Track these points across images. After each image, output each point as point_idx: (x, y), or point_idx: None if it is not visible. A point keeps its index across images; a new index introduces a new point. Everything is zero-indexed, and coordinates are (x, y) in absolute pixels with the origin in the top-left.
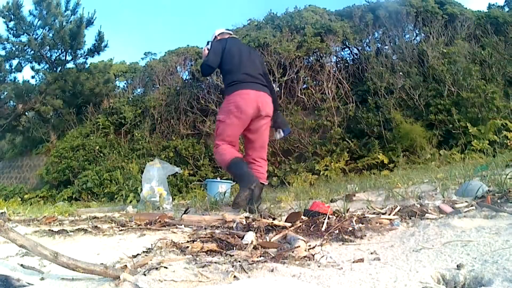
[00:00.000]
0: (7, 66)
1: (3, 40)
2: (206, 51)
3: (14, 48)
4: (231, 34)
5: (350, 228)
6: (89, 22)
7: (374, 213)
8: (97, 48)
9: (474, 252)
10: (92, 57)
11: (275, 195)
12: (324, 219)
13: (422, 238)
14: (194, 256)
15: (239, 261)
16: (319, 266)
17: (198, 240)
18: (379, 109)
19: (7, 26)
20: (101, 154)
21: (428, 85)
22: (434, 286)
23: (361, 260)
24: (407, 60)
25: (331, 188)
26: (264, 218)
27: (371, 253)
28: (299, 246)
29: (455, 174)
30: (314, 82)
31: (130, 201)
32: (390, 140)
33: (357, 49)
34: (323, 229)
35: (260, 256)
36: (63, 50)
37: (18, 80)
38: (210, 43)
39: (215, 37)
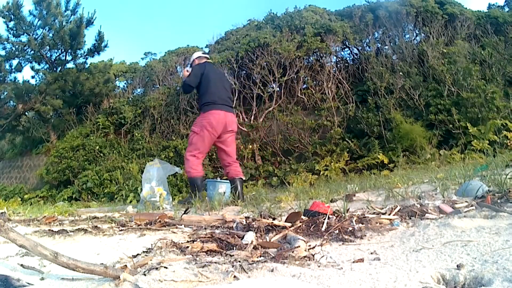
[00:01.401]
0: (7, 66)
1: (3, 40)
2: (186, 73)
3: (14, 48)
4: (207, 58)
5: (350, 228)
6: (89, 22)
7: (374, 213)
8: (97, 48)
9: (474, 252)
10: (92, 57)
11: (275, 195)
12: (324, 219)
13: (422, 238)
14: (194, 256)
15: (239, 261)
16: (319, 266)
17: (198, 240)
18: (379, 109)
19: (7, 26)
20: (101, 154)
21: (428, 85)
22: (434, 286)
23: (361, 260)
24: (407, 60)
25: (331, 188)
26: (264, 218)
27: (371, 253)
28: (299, 246)
29: (455, 174)
30: (314, 82)
31: (130, 201)
32: (390, 140)
33: (357, 49)
34: (323, 229)
35: (260, 256)
36: (63, 50)
37: (18, 80)
38: (189, 65)
39: (194, 60)
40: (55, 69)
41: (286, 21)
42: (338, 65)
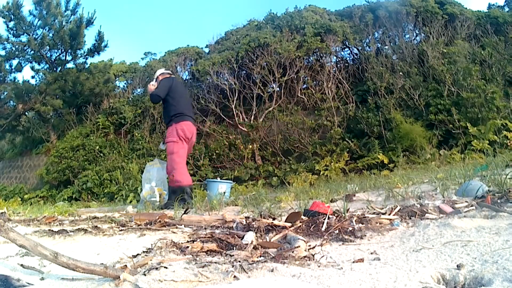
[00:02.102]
0: (7, 66)
1: (3, 40)
2: (152, 87)
3: (14, 48)
4: (170, 74)
5: (350, 228)
6: (89, 22)
7: (374, 213)
8: (97, 48)
9: (474, 252)
10: (92, 57)
11: (275, 195)
12: (324, 219)
13: (422, 238)
14: (194, 256)
15: (239, 261)
16: (319, 266)
17: (198, 240)
18: (379, 109)
19: (7, 26)
20: (101, 154)
21: (428, 85)
22: (434, 286)
23: (361, 260)
24: (407, 60)
25: (331, 188)
26: (264, 218)
27: (371, 253)
28: (299, 246)
29: (455, 174)
30: (314, 82)
31: (130, 201)
32: (390, 140)
33: (357, 49)
34: (323, 229)
35: (260, 256)
36: (63, 50)
37: (18, 80)
38: (155, 80)
39: (157, 76)
40: (55, 69)
41: (286, 21)
42: (338, 65)
